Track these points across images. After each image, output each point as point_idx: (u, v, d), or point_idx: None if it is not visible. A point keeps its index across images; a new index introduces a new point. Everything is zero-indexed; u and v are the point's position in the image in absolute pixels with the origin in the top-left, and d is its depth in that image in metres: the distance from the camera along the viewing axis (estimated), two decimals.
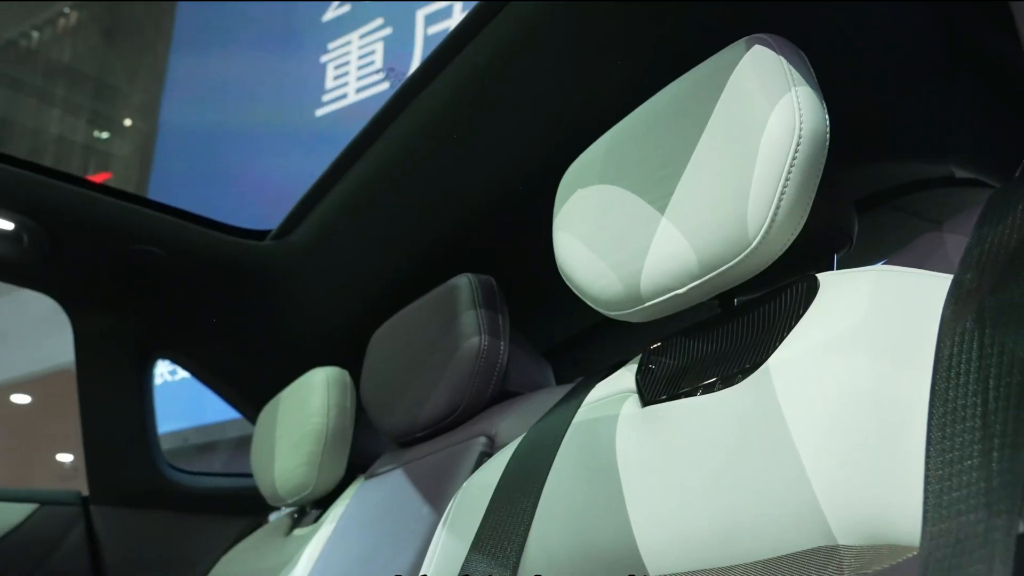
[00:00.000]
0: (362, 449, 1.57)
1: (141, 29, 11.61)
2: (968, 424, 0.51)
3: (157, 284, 1.80)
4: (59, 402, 1.88)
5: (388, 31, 6.88)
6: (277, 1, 7.87)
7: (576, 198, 0.90)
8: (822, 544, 0.60)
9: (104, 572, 1.76)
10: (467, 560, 0.89)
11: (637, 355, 0.90)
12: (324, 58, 7.41)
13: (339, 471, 1.50)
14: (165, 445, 1.96)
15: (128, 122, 11.53)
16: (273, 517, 1.74)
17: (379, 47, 6.92)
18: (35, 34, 12.03)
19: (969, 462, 0.49)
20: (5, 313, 6.78)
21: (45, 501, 1.77)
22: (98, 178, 11.43)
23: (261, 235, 1.80)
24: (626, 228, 0.82)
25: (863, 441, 0.59)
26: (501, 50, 1.20)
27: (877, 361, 0.63)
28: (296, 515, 1.61)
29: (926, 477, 0.52)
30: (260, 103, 7.94)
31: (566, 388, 1.01)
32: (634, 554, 0.74)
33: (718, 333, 0.81)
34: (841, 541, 0.59)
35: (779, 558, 0.63)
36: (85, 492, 1.83)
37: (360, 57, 7.06)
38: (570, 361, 1.69)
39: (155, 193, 9.58)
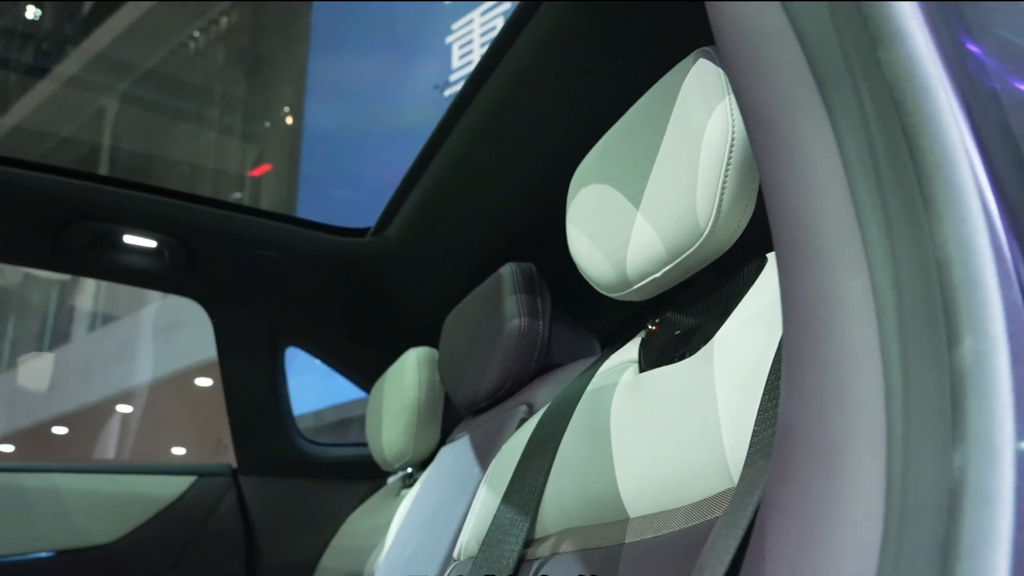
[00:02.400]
0: (457, 418, 1.77)
1: (284, 27, 12.24)
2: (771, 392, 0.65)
3: (279, 283, 2.07)
4: (208, 389, 2.18)
5: (507, 5, 7.04)
6: None
7: (580, 195, 1.05)
8: (728, 487, 0.74)
9: (253, 532, 2.06)
10: (498, 510, 1.07)
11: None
12: (449, 39, 7.67)
13: (434, 438, 1.72)
14: (303, 424, 2.23)
15: (287, 114, 12.18)
16: (391, 480, 1.98)
17: (499, 22, 7.10)
18: (192, 43, 12.86)
19: (763, 427, 0.64)
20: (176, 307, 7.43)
21: (203, 473, 2.08)
22: (260, 170, 12.17)
23: (362, 232, 2.03)
24: (613, 221, 0.97)
25: (753, 403, 0.73)
26: (536, 55, 1.35)
27: (771, 334, 0.76)
28: (405, 478, 1.84)
29: (752, 432, 0.66)
30: (392, 86, 8.28)
31: (600, 358, 1.16)
32: (618, 501, 0.90)
33: (696, 309, 0.96)
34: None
35: (704, 500, 0.77)
36: (234, 465, 2.14)
37: (482, 35, 7.27)
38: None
39: (305, 181, 10.15)
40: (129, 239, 1.89)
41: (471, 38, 7.39)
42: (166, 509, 1.99)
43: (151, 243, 1.91)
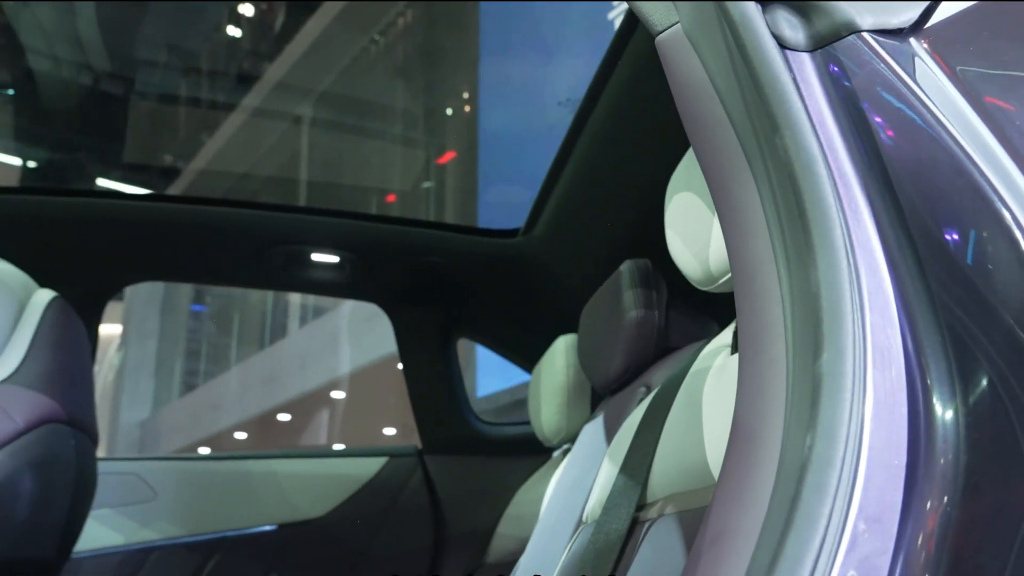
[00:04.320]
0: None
1: (456, 19, 12.68)
2: None
3: (446, 283, 2.33)
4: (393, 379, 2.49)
5: None
6: None
7: (674, 200, 1.21)
8: None
9: (439, 505, 2.34)
10: (616, 479, 1.25)
11: None
12: (611, 15, 7.79)
13: (583, 416, 1.91)
14: (480, 407, 2.50)
15: (466, 101, 12.64)
16: (555, 454, 2.19)
17: None
18: (381, 39, 13.56)
19: None
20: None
21: (392, 454, 2.38)
22: (445, 158, 12.71)
23: (513, 233, 2.25)
24: (698, 224, 1.12)
25: None
26: (639, 71, 1.52)
27: None
28: (565, 452, 2.05)
29: None
30: (557, 62, 8.46)
31: (706, 341, 1.32)
32: (707, 468, 1.06)
33: None
34: None
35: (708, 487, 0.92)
36: (419, 446, 2.42)
37: None
38: None
39: (483, 169, 10.53)
40: (316, 256, 2.21)
41: None
42: (364, 487, 2.30)
43: (334, 258, 2.21)
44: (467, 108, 12.45)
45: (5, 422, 1.44)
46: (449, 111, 13.00)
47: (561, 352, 1.94)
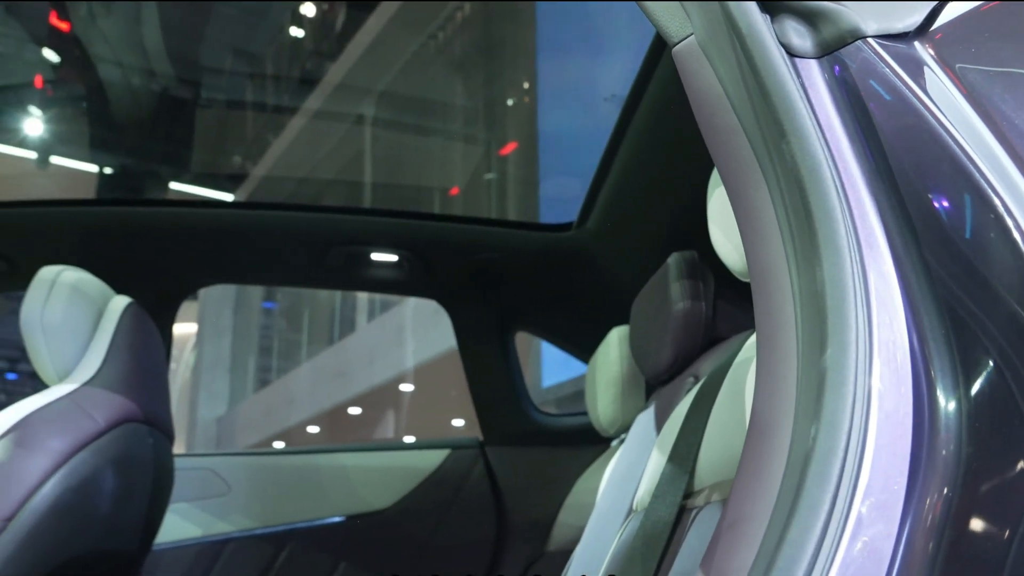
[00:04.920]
0: None
1: (513, 10, 12.72)
2: None
3: (502, 278, 2.37)
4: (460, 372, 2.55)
5: None
6: None
7: (715, 194, 1.24)
8: None
9: (500, 495, 2.39)
10: (664, 468, 1.28)
11: None
12: None
13: (638, 406, 1.94)
14: (546, 397, 2.55)
15: (525, 92, 12.69)
16: (614, 444, 2.22)
17: None
18: (440, 34, 13.68)
19: None
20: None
21: (455, 446, 2.45)
22: (507, 148, 12.77)
23: (567, 227, 2.28)
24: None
25: None
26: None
27: None
28: (621, 442, 2.08)
29: None
30: (613, 57, 8.44)
31: (752, 331, 1.34)
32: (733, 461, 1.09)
33: None
34: None
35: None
36: (481, 438, 2.48)
37: None
38: None
39: (544, 159, 10.55)
40: (376, 256, 2.27)
41: None
42: (428, 478, 2.37)
43: (393, 257, 2.28)
44: (526, 99, 12.49)
45: (87, 422, 1.53)
46: (509, 102, 13.05)
47: (615, 343, 1.97)
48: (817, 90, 0.63)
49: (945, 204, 0.60)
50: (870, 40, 0.64)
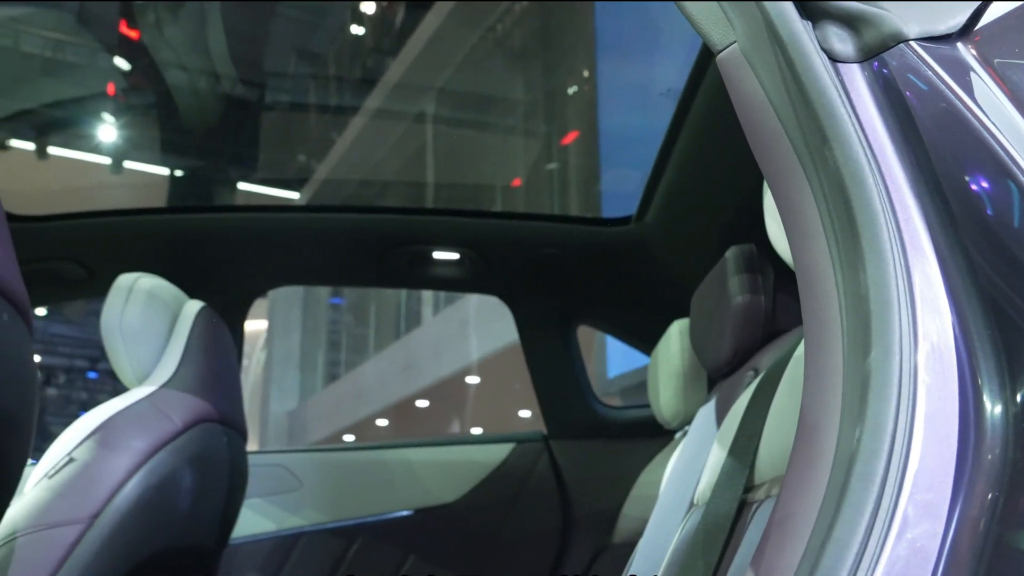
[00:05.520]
0: None
1: (572, 5, 12.69)
2: None
3: (563, 273, 2.40)
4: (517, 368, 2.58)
5: None
6: None
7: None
8: None
9: (565, 488, 2.42)
10: (724, 462, 1.29)
11: None
12: None
13: (700, 398, 1.95)
14: (605, 388, 2.56)
15: (586, 80, 12.67)
16: (677, 436, 2.23)
17: None
18: (499, 26, 13.72)
19: None
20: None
21: (519, 440, 2.48)
22: (569, 138, 12.76)
23: (625, 221, 2.29)
24: None
25: None
26: None
27: None
28: (685, 434, 2.09)
29: None
30: (672, 44, 8.36)
31: None
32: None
33: None
34: None
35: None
36: (545, 431, 2.50)
37: None
38: None
39: (604, 142, 10.52)
40: (438, 255, 2.31)
41: None
42: (493, 472, 2.40)
43: (454, 255, 2.32)
44: (587, 87, 12.46)
45: (166, 423, 1.59)
46: (570, 91, 13.03)
47: (676, 336, 1.98)
48: (859, 94, 0.64)
49: (990, 206, 0.61)
50: (912, 43, 0.65)
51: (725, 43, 0.73)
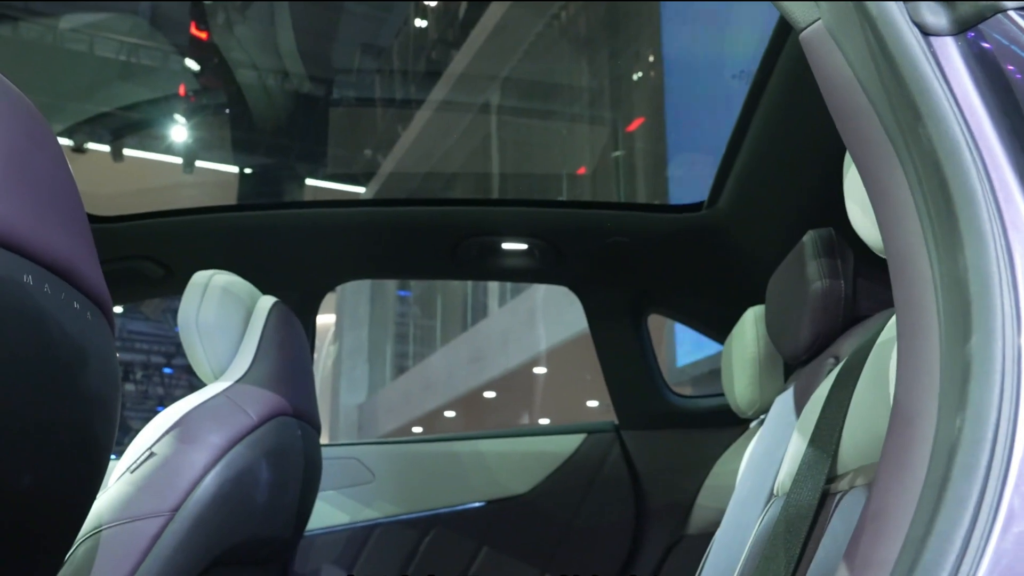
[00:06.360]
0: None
1: None
2: None
3: (634, 261, 2.37)
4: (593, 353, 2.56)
5: None
6: None
7: (852, 171, 1.20)
8: None
9: (638, 478, 2.39)
10: (805, 451, 1.26)
11: None
12: None
13: (777, 387, 1.91)
14: (675, 378, 2.53)
15: (651, 65, 12.55)
16: (753, 425, 2.19)
17: None
18: (563, 14, 13.68)
19: None
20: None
21: (591, 431, 2.46)
22: (634, 124, 12.66)
23: (697, 207, 2.25)
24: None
25: None
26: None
27: None
28: (760, 423, 2.05)
29: None
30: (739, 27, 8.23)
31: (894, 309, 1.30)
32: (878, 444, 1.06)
33: None
34: None
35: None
36: (616, 422, 2.48)
37: None
38: None
39: (671, 128, 10.41)
40: (507, 245, 2.31)
41: None
42: (565, 463, 2.39)
43: (523, 246, 2.31)
44: (652, 73, 12.34)
45: (242, 417, 1.62)
46: (635, 77, 12.93)
47: (751, 323, 1.94)
48: (954, 68, 0.61)
49: None
50: (1011, 12, 0.61)
51: (808, 20, 0.71)
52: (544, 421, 14.49)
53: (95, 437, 0.81)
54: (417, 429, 15.76)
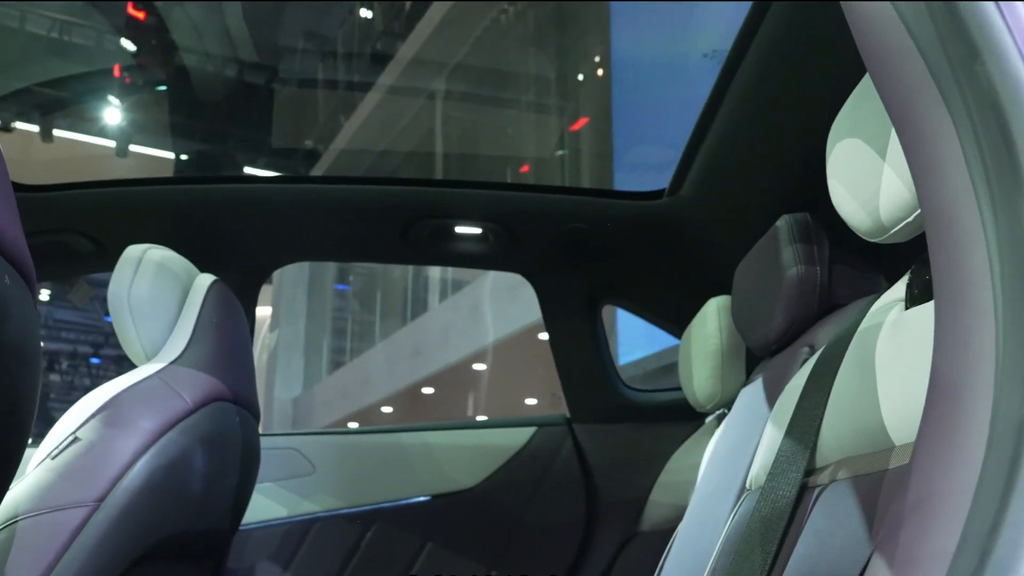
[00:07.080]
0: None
1: None
2: None
3: (591, 249, 2.29)
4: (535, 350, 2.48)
5: None
6: None
7: (836, 149, 1.14)
8: None
9: (590, 473, 2.32)
10: (781, 444, 1.20)
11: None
12: None
13: (739, 380, 1.85)
14: (627, 373, 2.47)
15: (597, 66, 12.54)
16: (708, 420, 2.13)
17: None
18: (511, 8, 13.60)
19: None
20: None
21: (541, 424, 2.38)
22: (578, 124, 12.66)
23: (658, 194, 2.18)
24: (864, 172, 1.05)
25: None
26: (793, 15, 1.45)
27: None
28: (719, 417, 1.99)
29: None
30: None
31: (874, 297, 1.25)
32: (884, 431, 1.00)
33: None
34: None
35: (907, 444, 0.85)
36: (568, 415, 2.41)
37: None
38: None
39: (619, 129, 10.42)
40: (460, 229, 2.21)
41: None
42: (514, 457, 2.31)
43: (477, 230, 2.21)
44: (600, 72, 12.34)
45: (176, 401, 1.50)
46: (580, 76, 12.92)
47: (713, 314, 1.88)
48: None
49: None
50: None
51: None
52: (482, 418, 14.43)
53: (16, 391, 0.71)
54: (353, 424, 15.56)
